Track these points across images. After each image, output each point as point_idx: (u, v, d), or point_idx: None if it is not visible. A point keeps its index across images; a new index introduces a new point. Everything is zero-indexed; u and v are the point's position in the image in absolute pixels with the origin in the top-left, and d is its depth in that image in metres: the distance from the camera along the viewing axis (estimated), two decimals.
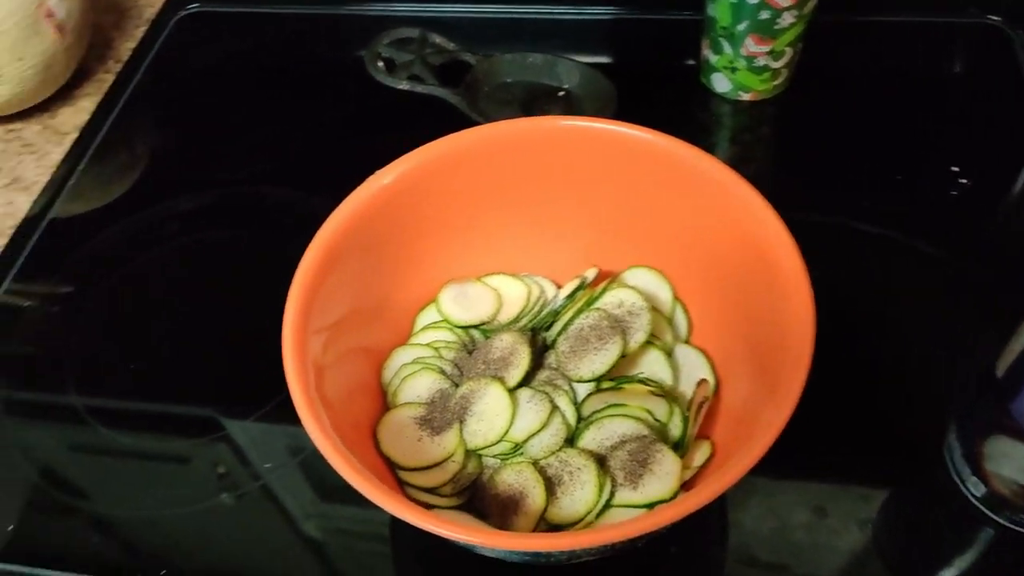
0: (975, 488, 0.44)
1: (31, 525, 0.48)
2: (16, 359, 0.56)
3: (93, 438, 0.51)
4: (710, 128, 0.66)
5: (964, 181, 0.60)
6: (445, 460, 0.42)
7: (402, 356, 0.47)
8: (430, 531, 0.33)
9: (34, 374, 0.55)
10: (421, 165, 0.45)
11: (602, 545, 0.34)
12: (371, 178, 0.44)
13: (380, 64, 0.68)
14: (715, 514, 0.45)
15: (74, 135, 0.69)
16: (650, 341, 0.45)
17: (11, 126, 0.70)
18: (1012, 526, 0.44)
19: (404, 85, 0.67)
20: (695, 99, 0.67)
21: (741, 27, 0.61)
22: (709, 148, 0.64)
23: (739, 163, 0.64)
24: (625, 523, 0.34)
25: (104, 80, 0.75)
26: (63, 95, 0.72)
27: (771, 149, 0.66)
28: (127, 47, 0.78)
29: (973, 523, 0.45)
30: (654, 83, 0.68)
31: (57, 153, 0.68)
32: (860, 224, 0.58)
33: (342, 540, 0.47)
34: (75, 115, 0.71)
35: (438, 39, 0.70)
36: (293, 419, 0.36)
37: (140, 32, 0.80)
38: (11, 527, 0.47)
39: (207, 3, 0.80)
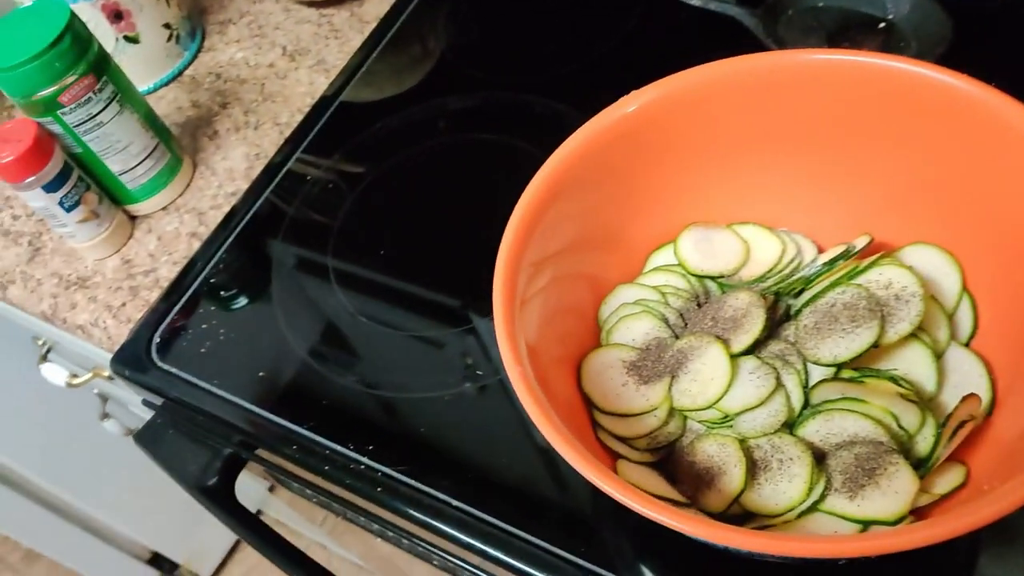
0: None
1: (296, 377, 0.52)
2: (299, 222, 0.61)
3: (358, 303, 0.54)
4: None
5: None
6: (647, 412, 0.40)
7: (625, 294, 0.44)
8: (628, 505, 0.31)
9: (301, 234, 0.59)
10: (672, 94, 0.41)
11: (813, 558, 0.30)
12: (614, 105, 0.41)
13: None
14: (961, 559, 0.38)
15: (374, 25, 0.73)
16: (915, 335, 0.38)
17: (325, 11, 0.75)
18: None
19: (696, 1, 0.61)
20: None
21: None
22: None
23: None
24: (844, 538, 0.29)
25: None
26: None
27: None
28: None
29: None
30: (1004, 21, 0.56)
31: (357, 40, 0.72)
32: None
33: None
34: (379, 5, 0.74)
35: None
36: None
37: None
38: (261, 374, 0.53)
39: None
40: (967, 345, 0.39)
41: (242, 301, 0.57)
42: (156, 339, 0.56)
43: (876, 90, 0.39)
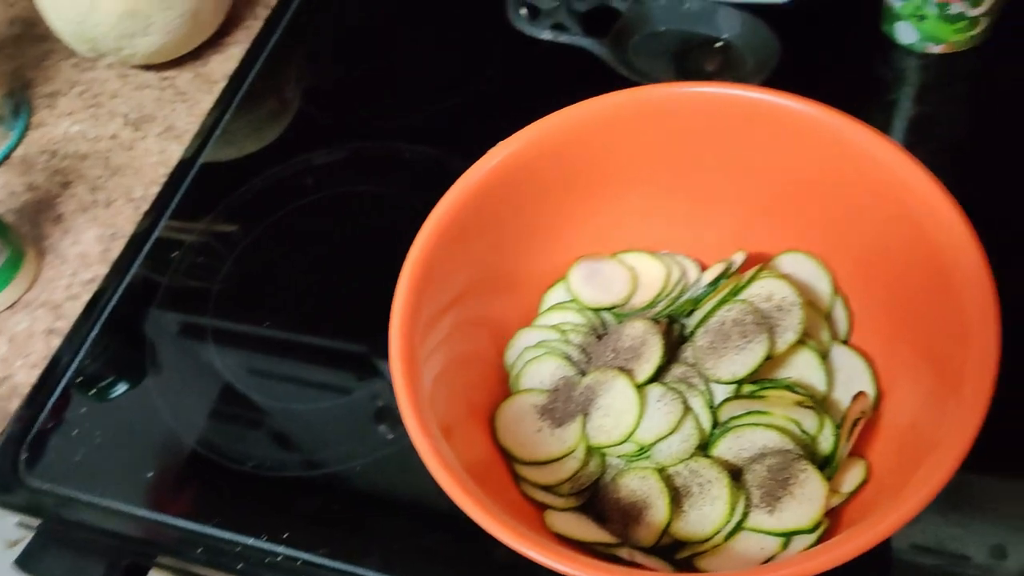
0: None
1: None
2: (176, 292, 0.57)
3: (250, 374, 0.52)
4: (890, 86, 0.58)
5: None
6: (565, 456, 0.40)
7: (526, 338, 0.44)
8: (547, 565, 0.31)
9: (180, 302, 0.56)
10: (552, 133, 0.42)
11: None
12: (496, 148, 0.41)
13: (523, 11, 0.64)
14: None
15: (223, 83, 0.70)
16: (802, 340, 0.40)
17: (165, 74, 0.71)
18: None
19: (546, 35, 0.63)
20: (873, 52, 0.59)
21: None
22: (888, 109, 0.57)
23: (925, 129, 0.56)
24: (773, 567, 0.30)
25: (253, 27, 0.75)
26: (214, 43, 0.72)
27: (966, 113, 0.57)
28: None
29: None
30: (826, 32, 0.60)
31: (208, 101, 0.69)
32: None
33: None
34: (224, 63, 0.72)
35: None
36: None
37: None
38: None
39: None
40: (846, 343, 0.42)
41: (117, 396, 0.53)
42: (23, 454, 0.51)
43: (734, 116, 0.41)
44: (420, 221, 0.40)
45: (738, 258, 0.43)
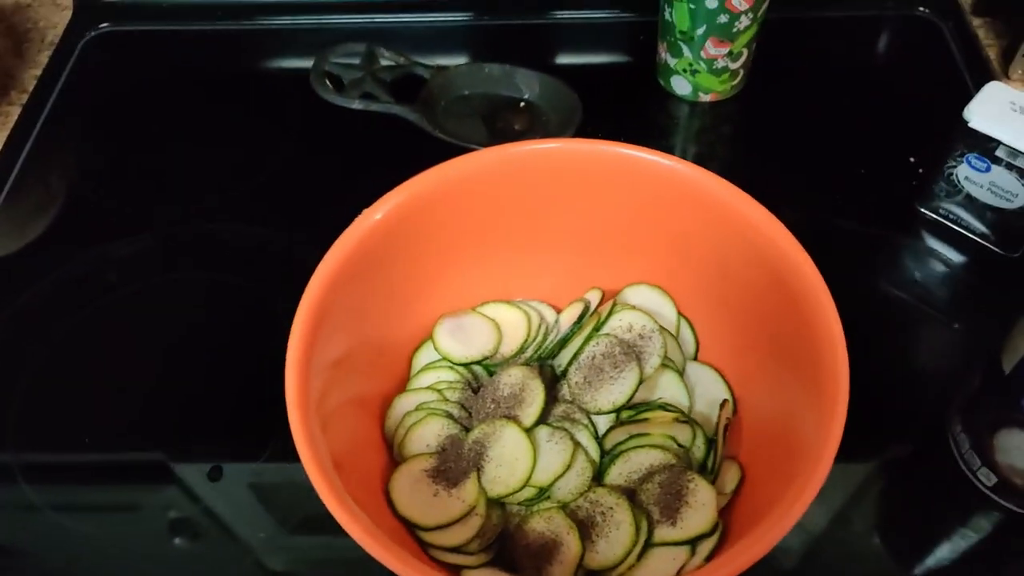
0: (986, 478, 0.45)
1: None
2: None
3: (33, 496, 0.46)
4: (672, 130, 0.66)
5: (921, 171, 0.61)
6: (467, 514, 0.40)
7: (404, 403, 0.44)
8: None
9: None
10: (407, 200, 0.42)
11: None
12: (358, 219, 0.41)
13: (327, 83, 0.64)
14: None
15: None
16: (664, 363, 0.44)
17: None
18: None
19: (357, 104, 0.63)
20: (655, 102, 0.66)
21: (700, 31, 0.60)
22: (670, 149, 0.64)
23: (704, 162, 0.64)
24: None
25: (9, 113, 0.68)
26: None
27: (735, 147, 0.66)
28: (31, 75, 0.72)
29: (985, 511, 0.45)
30: (613, 88, 0.67)
31: None
32: (838, 220, 0.58)
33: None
34: None
35: (387, 53, 0.66)
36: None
37: (44, 58, 0.73)
38: None
39: (119, 22, 0.74)
40: (695, 359, 0.46)
41: None
42: None
43: (566, 167, 0.45)
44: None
45: (593, 296, 0.46)
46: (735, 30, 0.59)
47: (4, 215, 0.61)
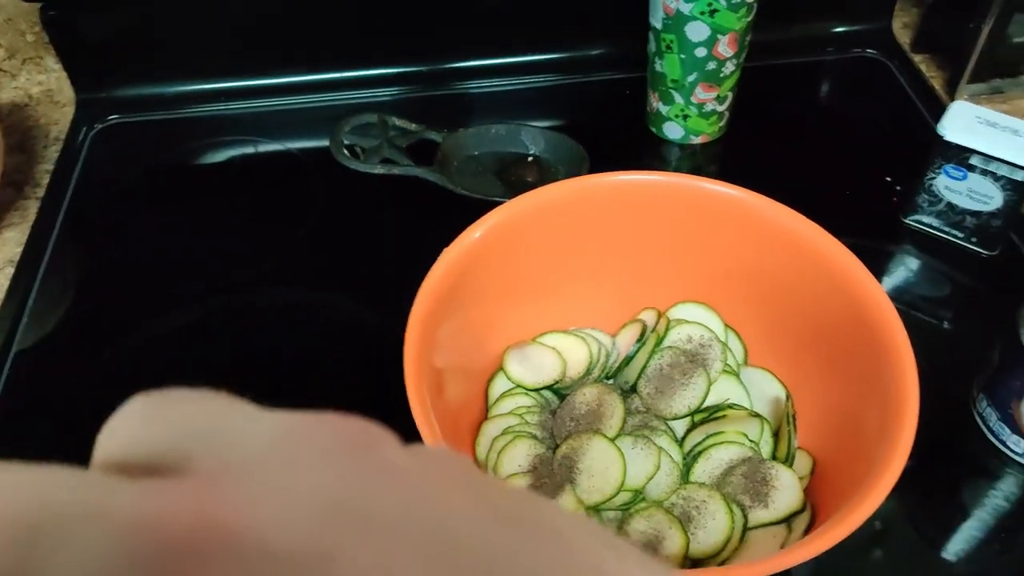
0: (1016, 446, 0.50)
1: None
2: None
3: None
4: (670, 171, 0.71)
5: (899, 188, 0.68)
6: None
7: (490, 429, 0.46)
8: None
9: None
10: (489, 233, 0.46)
11: None
12: (440, 258, 0.44)
13: (345, 152, 0.68)
14: None
15: (9, 270, 0.64)
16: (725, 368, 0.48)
17: None
18: None
19: (379, 169, 0.67)
20: (650, 148, 0.72)
21: (691, 78, 0.66)
22: None
23: None
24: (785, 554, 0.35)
25: (27, 207, 0.69)
26: None
27: (727, 181, 0.71)
28: (43, 169, 0.73)
29: (1018, 479, 0.50)
30: (609, 139, 0.72)
31: None
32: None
33: None
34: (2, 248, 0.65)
35: (398, 121, 0.71)
36: None
37: (52, 153, 0.75)
38: None
39: (126, 114, 0.77)
40: (746, 363, 0.50)
41: None
42: None
43: (620, 199, 0.49)
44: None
45: (649, 316, 0.50)
46: (722, 75, 0.66)
47: (37, 306, 0.61)
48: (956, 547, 0.48)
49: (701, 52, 0.64)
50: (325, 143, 0.69)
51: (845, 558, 0.46)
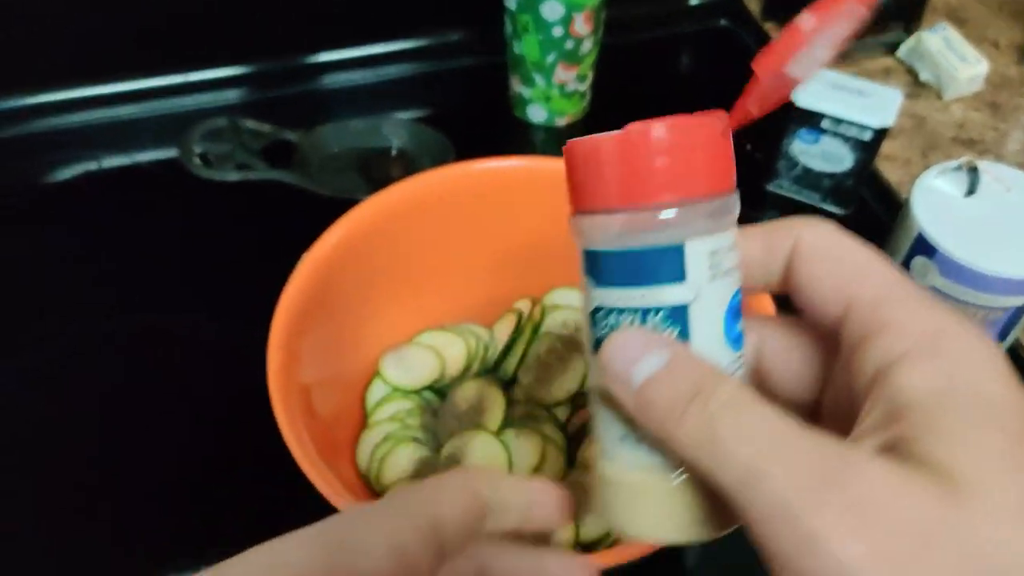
0: None
1: None
2: None
3: None
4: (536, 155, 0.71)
5: (758, 155, 0.69)
6: None
7: (370, 438, 0.44)
8: None
9: None
10: (332, 250, 0.43)
11: None
12: (296, 272, 0.42)
13: (197, 161, 0.64)
14: None
15: None
16: None
17: None
18: None
19: (235, 176, 0.63)
20: (516, 133, 0.72)
21: (550, 58, 0.66)
22: None
23: None
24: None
25: None
26: None
27: None
28: None
29: None
30: (473, 127, 0.71)
31: None
32: None
33: None
34: None
35: (250, 124, 0.67)
36: None
37: None
38: None
39: None
40: None
41: None
42: None
43: (474, 186, 0.48)
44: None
45: (524, 305, 0.49)
46: (581, 53, 0.66)
47: None
48: None
49: (558, 31, 0.64)
50: (174, 153, 0.65)
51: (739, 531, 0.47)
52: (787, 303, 0.23)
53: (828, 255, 0.21)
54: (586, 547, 0.41)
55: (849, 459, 0.17)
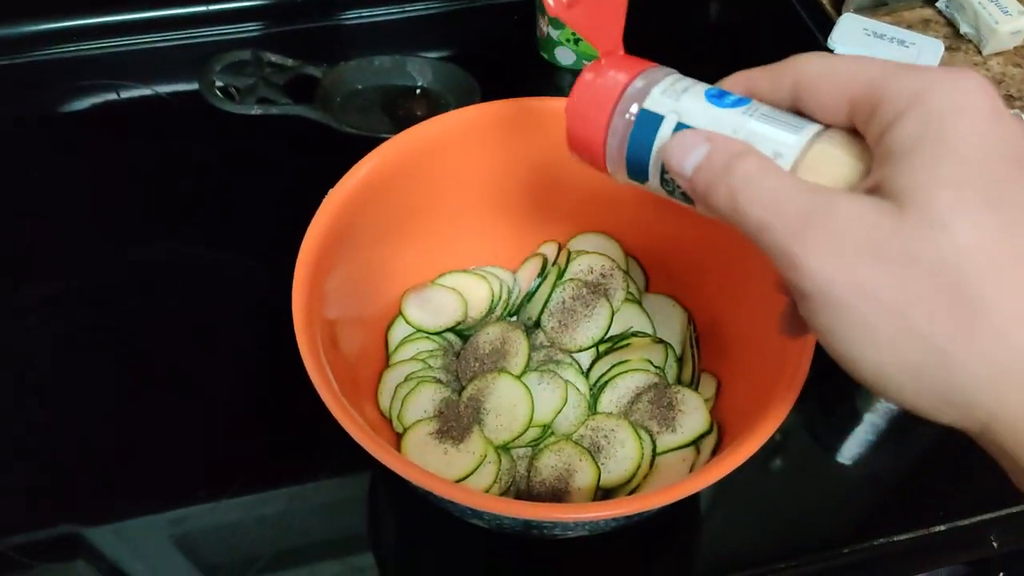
0: None
1: None
2: None
3: None
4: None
5: None
6: (480, 464, 0.41)
7: (392, 377, 0.45)
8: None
9: None
10: (358, 186, 0.43)
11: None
12: (325, 200, 0.41)
13: (218, 93, 0.63)
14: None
15: None
16: (627, 296, 0.47)
17: None
18: None
19: (256, 110, 0.62)
20: (542, 75, 0.70)
21: None
22: None
23: None
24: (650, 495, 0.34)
25: None
26: None
27: None
28: None
29: None
30: (501, 66, 0.69)
31: None
32: None
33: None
34: None
35: (273, 57, 0.66)
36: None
37: None
38: None
39: None
40: (648, 290, 0.50)
41: None
42: None
43: (510, 126, 0.47)
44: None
45: (549, 249, 0.49)
46: None
47: None
48: (851, 451, 0.49)
49: None
50: (195, 85, 0.64)
51: (746, 470, 0.47)
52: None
53: (824, 71, 0.25)
54: (607, 492, 0.41)
55: (831, 202, 0.23)
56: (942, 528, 0.46)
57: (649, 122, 0.28)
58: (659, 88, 0.28)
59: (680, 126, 0.27)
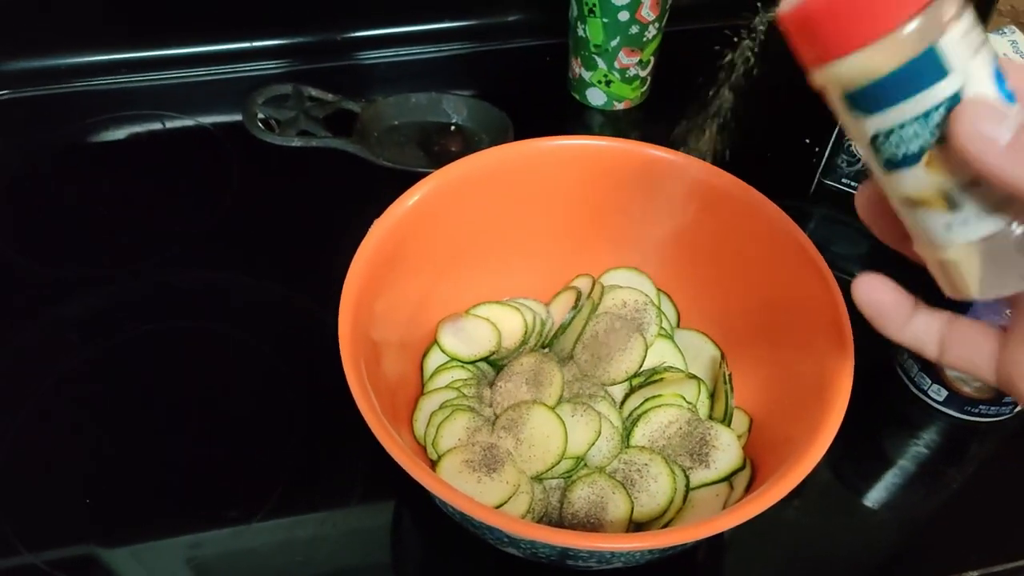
0: (936, 394, 0.51)
1: None
2: None
3: None
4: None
5: (818, 149, 0.69)
6: (515, 494, 0.41)
7: (428, 404, 0.45)
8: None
9: None
10: (403, 217, 0.44)
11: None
12: (371, 229, 0.42)
13: (260, 125, 0.65)
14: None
15: None
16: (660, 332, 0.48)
17: None
18: (973, 418, 0.51)
19: (297, 142, 0.64)
20: (573, 114, 0.72)
21: (614, 43, 0.66)
22: None
23: None
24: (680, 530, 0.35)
25: None
26: None
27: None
28: None
29: (936, 425, 0.52)
30: (533, 105, 0.71)
31: None
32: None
33: None
34: None
35: (314, 92, 0.68)
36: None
37: None
38: None
39: (17, 88, 0.71)
40: (679, 326, 0.51)
41: None
42: None
43: (546, 165, 0.48)
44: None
45: (583, 283, 0.49)
46: (645, 39, 0.66)
47: None
48: (878, 495, 0.49)
49: (624, 16, 0.64)
50: (238, 116, 0.66)
51: (771, 508, 0.47)
52: None
53: None
54: (638, 526, 0.42)
55: None
56: (975, 574, 0.45)
57: (932, 66, 0.23)
58: (959, 29, 0.23)
59: (956, 97, 0.23)
